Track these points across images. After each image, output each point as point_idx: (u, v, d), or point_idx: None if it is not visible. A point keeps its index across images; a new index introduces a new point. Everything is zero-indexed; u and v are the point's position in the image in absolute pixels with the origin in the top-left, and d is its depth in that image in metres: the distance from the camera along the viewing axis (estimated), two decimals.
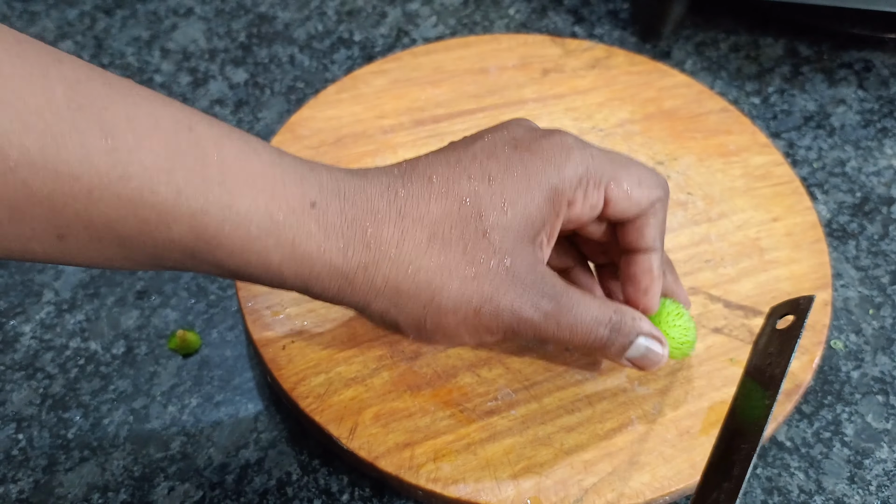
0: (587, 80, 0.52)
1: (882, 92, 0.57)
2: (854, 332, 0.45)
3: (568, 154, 0.32)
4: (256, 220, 0.27)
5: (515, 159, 0.31)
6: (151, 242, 0.26)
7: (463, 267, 0.30)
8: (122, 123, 0.25)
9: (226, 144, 0.27)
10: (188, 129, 0.26)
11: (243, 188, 0.27)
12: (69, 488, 0.38)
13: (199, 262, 0.28)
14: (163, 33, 0.60)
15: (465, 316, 0.31)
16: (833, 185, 0.52)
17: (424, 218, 0.30)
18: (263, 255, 0.28)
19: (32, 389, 0.41)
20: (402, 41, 0.60)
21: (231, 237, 0.27)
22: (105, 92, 0.25)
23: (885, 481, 0.39)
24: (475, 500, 0.34)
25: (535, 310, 0.31)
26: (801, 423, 0.41)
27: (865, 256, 0.48)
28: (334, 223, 0.29)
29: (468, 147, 0.32)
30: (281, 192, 0.28)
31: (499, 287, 0.31)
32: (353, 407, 0.37)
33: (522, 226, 0.31)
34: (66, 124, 0.23)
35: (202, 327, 0.44)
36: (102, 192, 0.24)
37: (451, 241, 0.30)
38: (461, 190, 0.30)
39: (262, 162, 0.28)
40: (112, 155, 0.24)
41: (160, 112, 0.26)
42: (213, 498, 0.38)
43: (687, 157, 0.48)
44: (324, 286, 0.30)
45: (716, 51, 0.60)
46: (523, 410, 0.37)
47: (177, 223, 0.26)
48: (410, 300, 0.31)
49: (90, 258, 0.27)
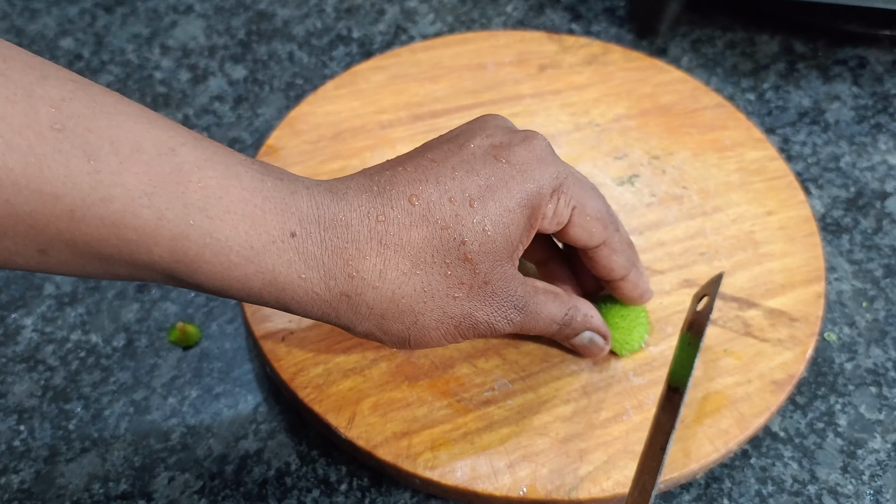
0: (584, 76, 0.52)
1: (876, 88, 0.58)
2: (848, 325, 0.45)
3: (545, 165, 0.32)
4: (237, 248, 0.28)
5: (495, 175, 0.31)
6: (132, 262, 0.27)
7: (444, 290, 0.31)
8: (106, 145, 0.25)
9: (207, 168, 0.27)
10: (171, 151, 0.26)
11: (224, 215, 0.27)
12: (70, 479, 0.38)
13: (180, 282, 0.28)
14: (163, 30, 0.61)
15: (447, 330, 0.32)
16: (827, 179, 0.52)
17: (406, 246, 0.30)
18: (244, 281, 0.28)
19: (34, 381, 0.42)
20: (401, 38, 0.61)
21: (211, 262, 0.27)
22: (90, 111, 0.25)
23: (877, 471, 0.40)
24: (472, 488, 0.35)
25: (508, 322, 0.33)
26: (795, 414, 0.41)
27: (859, 250, 0.48)
28: (314, 253, 0.29)
29: (447, 160, 0.31)
30: (261, 220, 0.28)
31: (476, 304, 0.32)
32: (352, 397, 0.37)
33: (502, 247, 0.31)
34: (49, 145, 0.24)
35: (202, 320, 0.44)
36: (84, 212, 0.25)
37: (433, 266, 0.31)
38: (443, 215, 0.30)
39: (244, 188, 0.28)
40: (94, 177, 0.25)
41: (144, 134, 0.26)
42: (212, 488, 0.38)
43: (682, 151, 0.49)
44: (306, 310, 0.30)
45: (712, 47, 0.60)
46: (520, 400, 0.38)
47: (157, 246, 0.26)
48: (394, 323, 0.31)
49: (72, 271, 0.27)
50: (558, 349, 0.40)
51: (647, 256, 0.43)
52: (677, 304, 0.42)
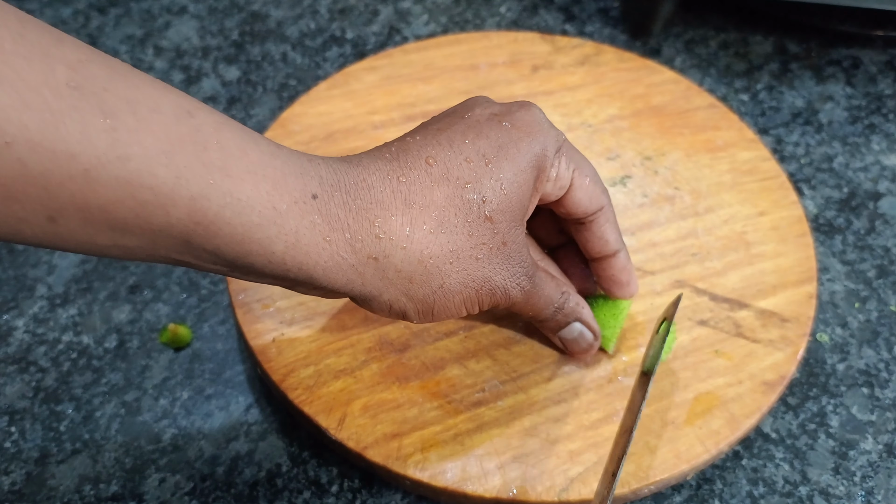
0: (576, 77, 0.52)
1: (870, 88, 0.58)
2: (840, 326, 0.45)
3: (546, 128, 0.33)
4: (258, 209, 0.27)
5: (504, 136, 0.32)
6: (147, 228, 0.26)
7: (468, 251, 0.31)
8: (123, 105, 0.24)
9: (225, 132, 0.27)
10: (188, 114, 0.26)
11: (244, 175, 0.27)
12: (61, 480, 0.38)
13: (195, 250, 0.27)
14: (156, 31, 0.61)
15: (468, 296, 0.32)
16: (820, 180, 0.52)
17: (430, 206, 0.30)
18: (265, 244, 0.27)
19: (25, 383, 0.42)
20: (394, 39, 0.61)
21: (231, 224, 0.27)
22: (106, 74, 0.25)
23: (869, 472, 0.40)
24: (462, 489, 0.35)
25: (520, 289, 0.33)
26: (787, 415, 0.41)
27: (852, 251, 0.48)
28: (338, 215, 0.29)
29: (453, 126, 0.32)
30: (282, 182, 0.28)
31: (496, 267, 0.32)
32: (342, 398, 0.37)
33: (517, 207, 0.32)
34: (65, 103, 0.23)
35: (194, 321, 0.44)
36: (100, 172, 0.24)
37: (456, 226, 0.31)
38: (461, 174, 0.31)
39: (262, 152, 0.28)
40: (111, 135, 0.24)
41: (161, 96, 0.26)
42: (203, 489, 0.38)
43: (674, 152, 0.49)
44: (330, 278, 0.29)
45: (705, 48, 0.60)
46: (510, 401, 0.38)
47: (175, 207, 0.25)
48: (421, 287, 0.31)
49: (79, 243, 0.26)
50: (549, 350, 0.40)
51: (639, 257, 0.43)
52: None
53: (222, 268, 0.29)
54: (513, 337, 0.40)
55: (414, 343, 0.40)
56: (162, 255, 0.28)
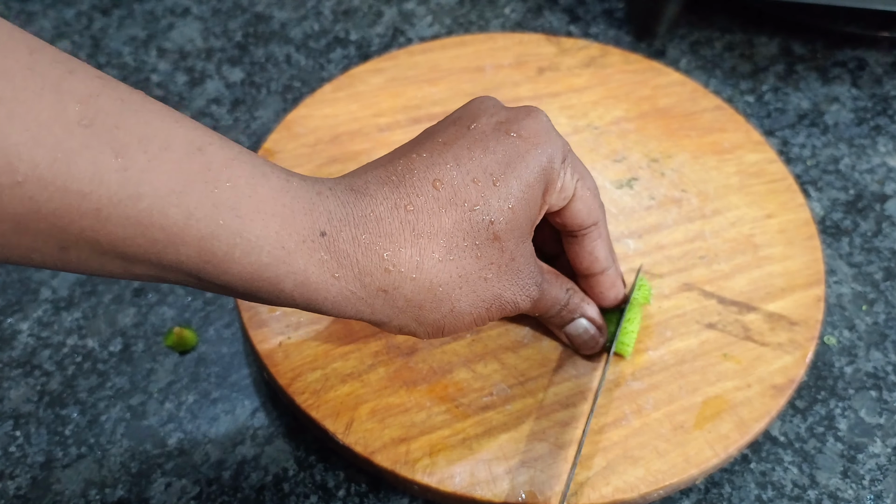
0: (582, 79, 0.52)
1: (875, 90, 0.58)
2: (847, 328, 0.45)
3: (553, 136, 0.33)
4: (267, 248, 0.27)
5: (511, 150, 0.31)
6: (157, 262, 0.26)
7: (477, 272, 0.31)
8: (134, 142, 0.24)
9: (235, 167, 0.27)
10: (199, 150, 0.26)
11: (254, 214, 0.27)
12: (66, 485, 0.38)
13: (205, 283, 0.28)
14: (160, 33, 0.61)
15: (479, 314, 0.32)
16: (827, 182, 0.52)
17: (439, 233, 0.30)
18: (274, 282, 0.28)
19: (30, 387, 0.41)
20: (398, 40, 0.60)
21: (241, 262, 0.27)
22: (117, 108, 0.24)
23: (878, 475, 0.39)
24: (470, 494, 0.35)
25: (529, 299, 0.33)
26: (795, 419, 0.41)
27: (859, 253, 0.48)
28: (347, 251, 0.29)
29: (458, 140, 0.32)
30: (290, 220, 0.28)
31: (504, 284, 0.32)
32: (350, 403, 0.37)
33: (525, 223, 0.32)
34: (76, 141, 0.23)
35: (199, 325, 0.44)
36: (111, 211, 0.24)
37: (465, 250, 0.30)
38: (469, 196, 0.30)
39: (272, 188, 0.28)
40: (122, 174, 0.24)
41: (172, 131, 0.26)
42: (209, 493, 0.38)
43: (681, 154, 0.48)
44: (339, 310, 0.30)
45: (710, 49, 0.60)
46: (518, 405, 0.38)
47: (185, 246, 0.26)
48: (432, 313, 0.31)
49: (90, 269, 0.26)
50: (557, 353, 0.39)
51: (647, 260, 0.43)
52: (677, 308, 0.41)
53: (232, 294, 0.29)
54: (520, 340, 0.40)
55: (421, 347, 0.39)
56: (171, 282, 0.28)
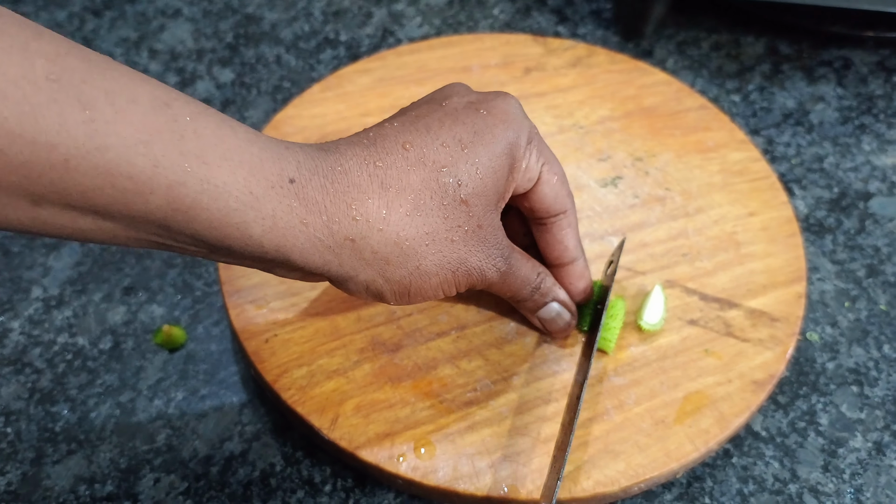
0: (568, 79, 0.53)
1: (861, 89, 0.58)
2: (830, 325, 0.45)
3: (520, 117, 0.34)
4: (235, 193, 0.28)
5: (480, 122, 0.33)
6: (127, 213, 0.27)
7: (444, 233, 0.32)
8: (101, 96, 0.25)
9: (202, 120, 0.28)
10: (165, 104, 0.27)
11: (221, 161, 0.27)
12: (56, 480, 0.39)
13: (175, 234, 0.28)
14: (151, 34, 0.61)
15: (445, 277, 0.33)
16: (811, 180, 0.52)
17: (406, 189, 0.31)
18: (243, 228, 0.28)
19: (21, 384, 0.42)
20: (388, 41, 0.61)
21: (209, 209, 0.27)
22: (84, 66, 0.25)
23: (858, 469, 0.40)
24: (453, 488, 0.35)
25: (496, 270, 0.34)
26: (777, 414, 0.42)
27: (842, 250, 0.49)
28: (315, 198, 0.29)
29: (431, 113, 0.33)
30: (258, 167, 0.28)
31: (471, 249, 0.33)
32: (335, 398, 0.38)
33: (492, 191, 0.33)
34: (44, 95, 0.24)
35: (188, 322, 0.44)
36: (79, 161, 0.25)
37: (432, 209, 0.31)
38: (438, 158, 0.31)
39: (239, 138, 0.28)
40: (89, 125, 0.25)
41: (138, 87, 0.26)
42: (197, 489, 0.38)
43: (665, 153, 0.49)
44: (307, 259, 0.30)
45: (697, 49, 0.61)
46: (501, 401, 0.38)
47: (153, 194, 0.26)
48: (398, 269, 0.32)
49: (63, 227, 0.27)
50: (540, 349, 0.40)
51: (630, 258, 0.44)
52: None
53: (202, 250, 0.29)
54: (504, 337, 0.40)
55: (406, 343, 0.40)
56: (144, 239, 0.28)
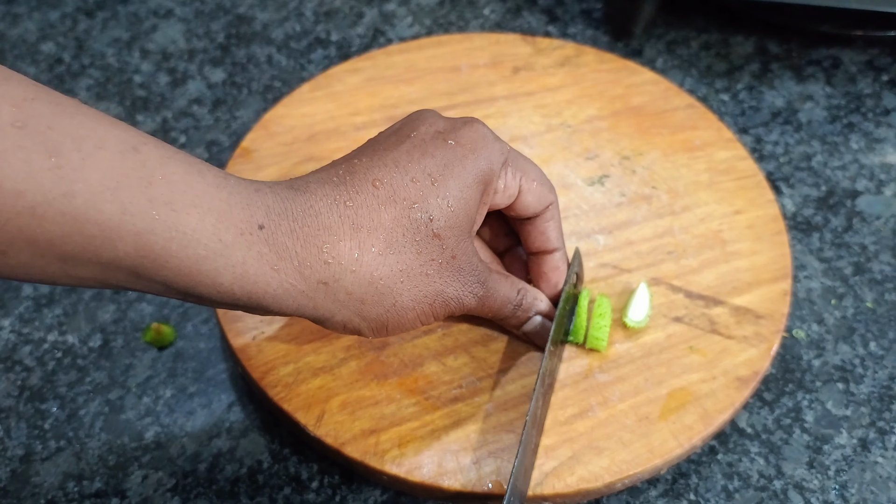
0: (557, 78, 0.53)
1: (849, 88, 0.59)
2: (816, 322, 0.46)
3: (490, 144, 0.34)
4: (204, 241, 0.27)
5: (449, 154, 0.32)
6: (96, 261, 0.26)
7: (418, 268, 0.32)
8: (68, 142, 0.25)
9: (170, 165, 0.27)
10: (133, 149, 0.27)
11: (189, 208, 0.27)
12: (45, 477, 0.39)
13: (147, 281, 0.28)
14: (143, 34, 0.61)
15: (422, 311, 0.33)
16: (799, 179, 0.53)
17: (378, 228, 0.31)
18: (213, 275, 0.28)
19: (10, 382, 0.42)
20: (379, 41, 0.61)
21: (178, 256, 0.27)
22: (51, 111, 0.25)
23: (843, 466, 0.40)
24: (438, 484, 0.35)
25: (473, 297, 0.34)
26: (762, 411, 0.42)
27: (829, 248, 0.49)
28: (285, 244, 0.29)
29: (399, 146, 0.32)
30: (227, 214, 0.28)
31: (447, 280, 0.33)
32: (321, 395, 0.38)
33: (464, 221, 0.33)
34: (9, 142, 0.24)
35: (177, 321, 0.45)
36: (46, 208, 0.25)
37: (405, 245, 0.31)
38: (408, 194, 0.31)
39: (208, 183, 0.28)
40: (56, 172, 0.25)
41: (106, 132, 0.26)
42: (185, 486, 0.39)
43: (652, 152, 0.49)
44: (280, 305, 0.30)
45: (687, 49, 0.61)
46: (486, 397, 0.38)
47: (122, 241, 0.26)
48: (374, 308, 0.31)
49: (32, 274, 0.27)
50: (525, 347, 0.40)
51: (616, 255, 0.44)
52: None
53: (175, 295, 0.29)
54: (490, 334, 0.41)
55: (392, 341, 0.40)
56: (113, 284, 0.28)
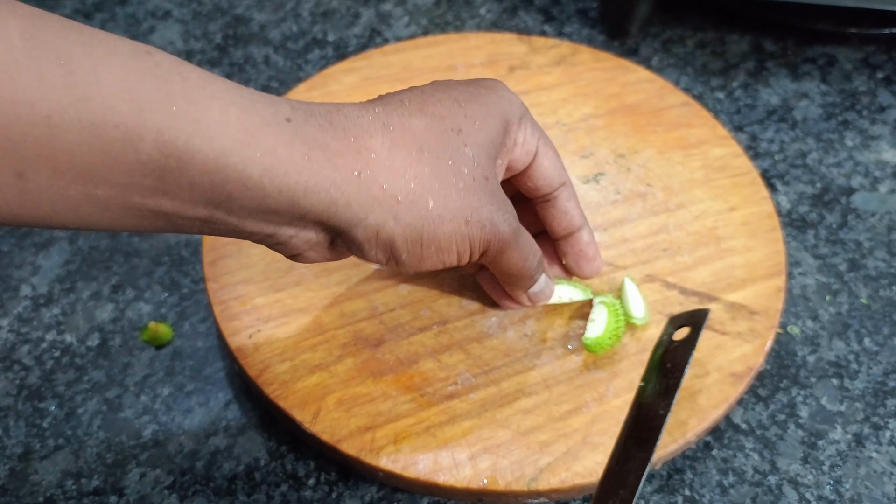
0: (552, 77, 0.53)
1: (844, 86, 0.59)
2: (811, 318, 0.46)
3: (510, 93, 0.35)
4: (229, 132, 0.26)
5: (473, 91, 0.33)
6: (118, 170, 0.25)
7: (451, 177, 0.31)
8: (78, 50, 0.24)
9: (186, 67, 0.26)
10: (147, 53, 0.26)
11: (209, 101, 0.26)
12: (43, 475, 0.39)
13: (170, 187, 0.26)
14: (141, 35, 0.62)
15: (458, 226, 0.32)
16: (794, 176, 0.53)
17: (409, 130, 0.31)
18: (241, 168, 0.27)
19: (9, 381, 0.42)
20: (375, 41, 0.61)
21: (203, 151, 0.26)
22: (60, 24, 0.25)
23: (837, 461, 0.40)
24: (433, 480, 0.36)
25: (507, 225, 0.33)
26: (757, 406, 0.42)
27: (824, 245, 0.49)
28: (316, 135, 0.28)
29: (424, 88, 0.33)
30: (250, 107, 0.27)
31: (482, 199, 0.32)
32: (317, 393, 0.38)
33: (489, 145, 0.33)
34: (20, 54, 0.23)
35: (175, 319, 0.45)
36: (62, 116, 0.24)
37: (437, 152, 0.31)
38: (435, 110, 0.32)
39: (227, 84, 0.27)
40: (69, 78, 0.24)
41: (116, 42, 0.26)
42: (183, 483, 0.39)
43: (647, 150, 0.49)
44: (313, 200, 0.28)
45: (682, 47, 0.61)
46: (482, 394, 0.39)
47: (143, 142, 0.25)
48: (409, 209, 0.30)
49: (53, 201, 0.25)
50: (521, 344, 0.40)
51: (611, 252, 0.44)
52: None
53: (202, 209, 0.28)
54: (486, 331, 0.41)
55: (388, 338, 0.40)
56: (137, 204, 0.27)
